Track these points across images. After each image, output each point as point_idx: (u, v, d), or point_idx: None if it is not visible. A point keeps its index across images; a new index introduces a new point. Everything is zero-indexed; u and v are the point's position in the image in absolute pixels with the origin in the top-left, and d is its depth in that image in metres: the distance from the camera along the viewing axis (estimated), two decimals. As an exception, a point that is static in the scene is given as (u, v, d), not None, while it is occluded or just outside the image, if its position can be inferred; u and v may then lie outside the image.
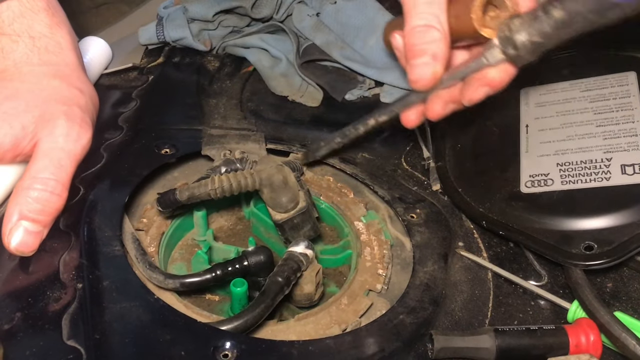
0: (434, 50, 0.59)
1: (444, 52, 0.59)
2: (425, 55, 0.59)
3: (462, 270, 0.67)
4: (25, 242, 0.57)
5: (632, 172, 0.66)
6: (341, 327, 0.59)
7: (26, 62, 0.63)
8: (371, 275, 0.66)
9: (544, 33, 0.52)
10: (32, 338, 0.52)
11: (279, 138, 0.81)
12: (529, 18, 0.53)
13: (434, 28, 0.59)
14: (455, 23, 0.59)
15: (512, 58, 0.56)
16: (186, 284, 0.60)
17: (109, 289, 0.56)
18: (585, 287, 0.61)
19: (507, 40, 0.55)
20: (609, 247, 0.63)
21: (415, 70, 0.60)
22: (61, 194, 0.59)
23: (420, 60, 0.60)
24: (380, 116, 0.68)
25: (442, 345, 0.56)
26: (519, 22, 0.54)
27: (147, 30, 0.96)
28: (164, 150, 0.74)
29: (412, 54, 0.60)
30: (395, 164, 0.81)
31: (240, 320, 0.55)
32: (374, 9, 0.95)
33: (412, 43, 0.60)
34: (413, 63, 0.60)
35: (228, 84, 0.93)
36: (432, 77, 0.60)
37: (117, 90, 0.88)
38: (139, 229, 0.68)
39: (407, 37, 0.60)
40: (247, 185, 0.64)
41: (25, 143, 0.59)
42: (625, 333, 0.56)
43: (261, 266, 0.62)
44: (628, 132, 0.70)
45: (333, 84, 0.92)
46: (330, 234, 0.76)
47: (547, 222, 0.67)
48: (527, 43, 0.54)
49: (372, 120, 0.68)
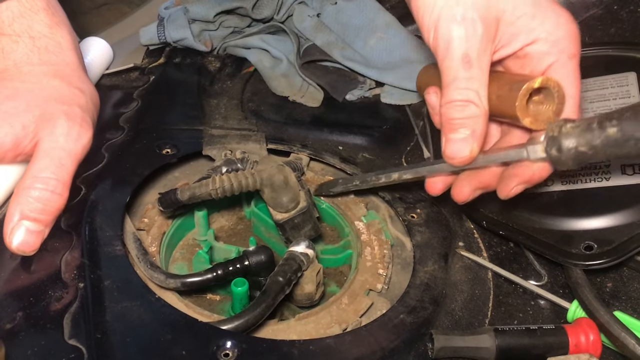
0: (473, 127, 0.56)
1: (483, 130, 0.57)
2: (464, 130, 0.56)
3: (462, 270, 0.67)
4: (27, 242, 0.57)
5: (631, 173, 0.66)
6: (342, 327, 0.60)
7: (26, 62, 0.63)
8: (372, 275, 0.66)
9: (592, 146, 0.50)
10: (33, 337, 0.52)
11: (280, 138, 0.81)
12: (582, 126, 0.51)
13: (473, 104, 0.56)
14: (496, 102, 0.57)
15: (553, 159, 0.53)
16: (187, 283, 0.60)
17: (110, 288, 0.56)
18: (585, 287, 0.61)
19: (553, 140, 0.52)
20: (609, 247, 0.63)
21: (451, 145, 0.57)
22: (62, 193, 0.59)
23: (457, 136, 0.57)
24: (406, 173, 0.66)
25: (442, 345, 0.56)
26: (571, 127, 0.51)
27: (148, 31, 0.96)
28: (165, 151, 0.74)
29: (449, 128, 0.57)
30: (395, 163, 0.81)
31: (241, 319, 0.55)
32: (375, 10, 0.95)
33: (451, 117, 0.57)
34: (450, 137, 0.57)
35: (229, 84, 0.93)
36: (468, 155, 0.57)
37: (118, 91, 0.88)
38: (140, 228, 0.68)
39: (445, 109, 0.57)
40: (248, 185, 0.64)
41: (25, 143, 0.59)
42: (625, 333, 0.56)
43: (262, 266, 0.62)
44: (628, 133, 0.70)
45: (334, 84, 0.92)
46: (330, 233, 0.76)
47: (547, 222, 0.67)
48: (572, 150, 0.51)
49: (396, 175, 0.66)
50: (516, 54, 0.59)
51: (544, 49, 0.58)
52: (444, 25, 0.56)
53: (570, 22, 0.58)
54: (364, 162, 0.80)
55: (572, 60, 0.58)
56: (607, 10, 0.91)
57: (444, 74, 0.57)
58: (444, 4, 0.56)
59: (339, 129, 0.85)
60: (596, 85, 0.78)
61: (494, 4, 0.56)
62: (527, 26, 0.57)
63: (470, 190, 0.62)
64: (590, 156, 0.51)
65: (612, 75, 0.79)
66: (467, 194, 0.62)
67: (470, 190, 0.62)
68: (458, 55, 0.55)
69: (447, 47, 0.56)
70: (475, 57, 0.55)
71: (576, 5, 0.93)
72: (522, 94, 0.55)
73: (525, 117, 0.55)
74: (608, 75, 0.79)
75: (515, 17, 0.57)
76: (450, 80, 0.56)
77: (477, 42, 0.55)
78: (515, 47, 0.58)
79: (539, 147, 0.54)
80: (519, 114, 0.55)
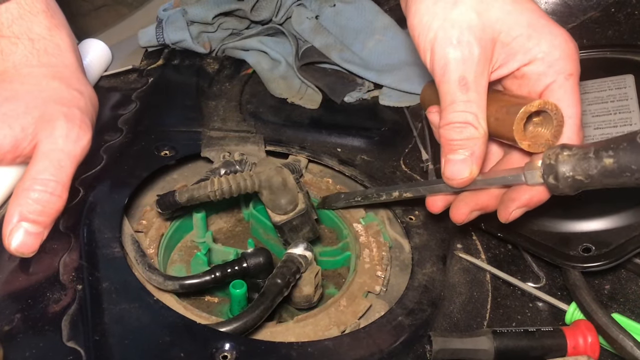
0: (472, 149, 0.57)
1: (482, 152, 0.57)
2: (463, 152, 0.57)
3: (460, 272, 0.67)
4: (26, 243, 0.57)
5: (629, 175, 0.66)
6: (340, 329, 0.60)
7: (25, 64, 0.63)
8: (370, 277, 0.66)
9: (588, 175, 0.50)
10: (32, 339, 0.52)
11: (278, 140, 0.81)
12: (578, 155, 0.51)
13: (472, 126, 0.56)
14: (495, 125, 0.57)
15: (551, 187, 0.54)
16: (185, 285, 0.60)
17: (108, 290, 0.56)
18: (583, 289, 0.62)
19: (550, 168, 0.53)
20: (607, 249, 0.63)
21: (451, 166, 0.58)
22: (61, 195, 0.59)
23: (456, 157, 0.57)
24: (406, 192, 0.66)
25: (440, 347, 0.56)
26: (567, 155, 0.52)
27: (147, 33, 0.96)
28: (164, 152, 0.74)
29: (449, 149, 0.58)
30: (394, 166, 0.81)
31: (239, 321, 0.55)
32: (373, 12, 0.96)
33: (450, 138, 0.57)
34: (450, 158, 0.58)
35: (227, 86, 0.93)
36: (468, 176, 0.57)
37: (116, 92, 0.88)
38: (138, 230, 0.68)
39: (444, 130, 0.57)
40: (247, 187, 0.64)
41: (25, 144, 0.59)
42: (623, 335, 0.57)
43: (260, 268, 0.62)
44: (626, 135, 0.70)
45: (332, 87, 0.92)
46: (329, 235, 0.76)
47: (545, 225, 0.67)
48: (569, 178, 0.52)
49: (397, 193, 0.66)
50: (514, 74, 0.59)
51: (540, 69, 0.58)
52: (440, 47, 0.56)
53: (567, 41, 0.58)
54: (362, 164, 0.80)
55: (569, 80, 0.58)
56: (604, 13, 0.91)
57: (442, 97, 0.57)
58: (440, 26, 0.56)
59: (337, 130, 0.85)
60: (594, 87, 0.78)
61: (490, 25, 0.56)
62: (523, 47, 0.57)
63: (467, 211, 0.61)
64: (587, 184, 0.51)
65: (610, 77, 0.79)
66: (464, 215, 0.62)
67: (468, 211, 0.61)
68: (455, 78, 0.55)
69: (444, 70, 0.56)
70: (472, 79, 0.55)
71: (574, 8, 0.93)
72: (519, 117, 0.55)
73: (523, 141, 0.55)
74: (606, 77, 0.79)
75: (511, 37, 0.57)
76: (449, 103, 0.56)
77: (473, 64, 0.55)
78: (512, 68, 0.58)
79: (536, 172, 0.54)
80: (516, 138, 0.55)
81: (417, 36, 0.58)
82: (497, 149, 0.64)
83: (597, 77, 0.80)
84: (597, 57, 0.85)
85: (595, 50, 0.86)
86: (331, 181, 0.78)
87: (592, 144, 0.50)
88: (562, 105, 0.56)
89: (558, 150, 0.53)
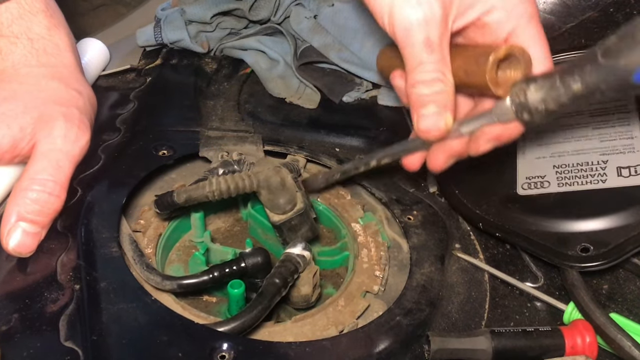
0: (443, 101, 0.57)
1: (453, 103, 0.58)
2: (434, 105, 0.57)
3: (458, 272, 0.67)
4: (24, 243, 0.57)
5: (627, 175, 0.67)
6: (338, 329, 0.60)
7: (24, 63, 0.63)
8: (368, 277, 0.66)
9: (560, 103, 0.51)
10: (29, 339, 0.52)
11: (277, 140, 0.81)
12: (546, 87, 0.52)
13: (441, 82, 0.57)
14: (465, 77, 0.58)
15: (526, 122, 0.55)
16: (183, 285, 0.60)
17: (106, 290, 0.56)
18: (581, 289, 0.62)
19: (522, 106, 0.54)
20: (605, 249, 0.63)
21: (424, 120, 0.58)
22: (59, 195, 0.59)
23: (429, 111, 0.57)
24: (383, 159, 0.66)
25: (438, 347, 0.56)
26: (535, 89, 0.52)
27: (145, 32, 0.96)
28: (162, 152, 0.74)
29: (419, 104, 0.58)
30: (392, 166, 0.81)
31: (237, 321, 0.55)
32: (372, 12, 0.95)
33: (420, 93, 0.57)
34: (423, 113, 0.58)
35: (226, 85, 0.93)
36: (444, 127, 0.58)
37: (114, 92, 0.88)
38: (136, 230, 0.68)
39: (414, 88, 0.57)
40: (245, 187, 0.64)
41: (23, 144, 0.59)
42: (621, 334, 0.57)
43: (258, 268, 0.62)
44: (624, 135, 0.71)
45: (330, 86, 0.92)
46: (327, 235, 0.76)
47: (544, 224, 0.67)
48: (542, 111, 0.53)
49: (374, 161, 0.67)
50: (475, 24, 0.59)
51: (501, 16, 0.58)
52: (400, 10, 0.55)
53: None
54: (360, 164, 0.80)
55: (531, 22, 0.58)
56: (603, 13, 0.91)
57: (407, 60, 0.57)
58: None
59: (335, 130, 0.85)
60: (592, 87, 0.78)
61: None
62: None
63: (444, 159, 0.62)
64: (559, 112, 0.52)
65: (609, 77, 0.79)
66: (442, 163, 0.63)
67: (445, 159, 0.62)
68: (420, 41, 0.55)
69: (407, 33, 0.55)
70: (436, 39, 0.55)
71: (572, 8, 0.93)
72: (490, 66, 0.55)
73: (497, 88, 0.56)
74: (604, 77, 0.79)
75: None
76: (416, 64, 0.56)
77: (436, 24, 0.55)
78: (472, 17, 0.58)
79: (508, 112, 0.55)
80: (490, 86, 0.56)
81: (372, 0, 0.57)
82: (467, 100, 0.65)
83: (595, 77, 0.80)
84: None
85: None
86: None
87: (556, 72, 0.51)
88: (529, 48, 0.57)
89: (524, 86, 0.53)
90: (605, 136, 0.71)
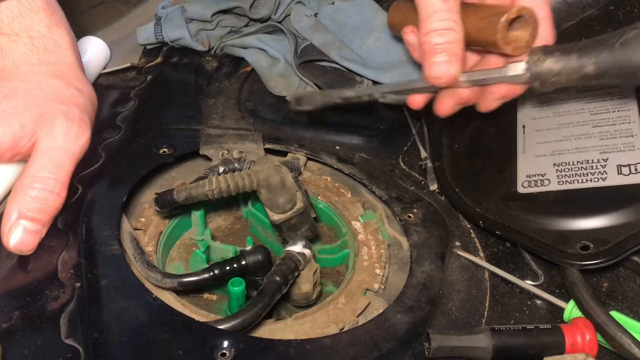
0: (455, 50, 0.62)
1: (463, 53, 0.63)
2: (446, 54, 0.62)
3: (459, 269, 0.68)
4: (24, 241, 0.57)
5: (628, 173, 0.67)
6: (338, 326, 0.60)
7: (25, 61, 0.63)
8: (368, 275, 0.66)
9: (570, 79, 0.57)
10: (30, 337, 0.52)
11: (277, 138, 0.81)
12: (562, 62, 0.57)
13: (453, 31, 0.61)
14: (475, 33, 0.62)
15: (535, 89, 0.61)
16: (184, 283, 0.60)
17: (107, 288, 0.56)
18: (581, 287, 0.62)
19: (537, 74, 0.59)
20: (605, 247, 0.63)
21: (435, 67, 0.63)
22: (60, 193, 0.59)
23: (441, 58, 0.62)
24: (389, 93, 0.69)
25: (438, 345, 0.56)
26: (552, 62, 0.58)
27: (146, 30, 0.96)
28: (162, 150, 0.74)
29: (432, 52, 0.62)
30: (392, 164, 0.81)
31: (238, 319, 0.55)
32: (372, 10, 0.95)
33: (434, 42, 0.62)
34: (434, 61, 0.62)
35: (226, 84, 0.93)
36: (454, 74, 0.62)
37: (115, 90, 0.88)
38: (137, 228, 0.68)
39: (428, 37, 0.62)
40: (245, 186, 0.64)
41: (24, 142, 0.59)
42: (621, 332, 0.57)
43: (259, 265, 0.62)
44: (624, 133, 0.71)
45: (331, 84, 0.92)
46: (328, 233, 0.76)
47: (544, 222, 0.67)
48: (553, 82, 0.59)
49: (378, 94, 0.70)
50: None
51: None
52: None
53: None
54: (361, 162, 0.80)
55: None
56: (603, 11, 0.91)
57: (422, 9, 0.62)
58: None
59: (336, 128, 0.85)
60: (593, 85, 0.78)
61: None
62: None
63: (452, 105, 0.67)
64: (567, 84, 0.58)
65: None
66: (449, 108, 0.68)
67: (452, 105, 0.67)
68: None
69: None
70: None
71: (573, 6, 0.93)
72: (502, 25, 0.60)
73: (507, 46, 0.61)
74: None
75: None
76: (431, 12, 0.62)
77: None
78: None
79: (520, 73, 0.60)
80: (500, 43, 0.61)
81: None
82: (473, 55, 0.70)
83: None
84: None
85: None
86: (330, 179, 0.78)
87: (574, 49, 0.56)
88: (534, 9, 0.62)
89: (541, 55, 0.59)
90: (605, 134, 0.71)
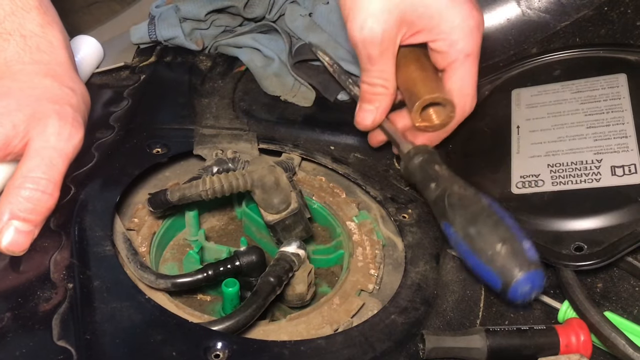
0: (379, 103, 0.71)
1: (387, 106, 0.72)
2: (370, 105, 0.72)
3: (453, 270, 0.67)
4: (16, 242, 0.57)
5: (621, 174, 0.67)
6: (333, 327, 0.60)
7: (17, 60, 0.63)
8: (363, 276, 0.66)
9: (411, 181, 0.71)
10: (22, 338, 0.51)
11: (272, 138, 0.81)
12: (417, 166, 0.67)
13: (382, 87, 0.70)
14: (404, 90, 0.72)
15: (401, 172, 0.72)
16: (178, 284, 0.60)
17: (99, 289, 0.56)
18: (576, 288, 0.62)
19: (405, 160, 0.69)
20: (599, 247, 0.63)
21: (361, 113, 0.73)
22: (53, 193, 0.58)
23: (367, 107, 0.72)
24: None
25: (433, 345, 0.56)
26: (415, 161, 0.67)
27: (139, 29, 0.96)
28: (156, 150, 0.74)
29: (363, 99, 0.72)
30: (387, 164, 0.81)
31: (231, 320, 0.55)
32: (367, 10, 0.95)
33: (364, 90, 0.72)
34: (362, 106, 0.73)
35: (220, 83, 0.92)
36: (370, 124, 0.73)
37: (108, 90, 0.88)
38: (130, 228, 0.68)
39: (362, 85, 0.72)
40: (239, 187, 0.64)
41: (16, 142, 0.58)
42: (615, 333, 0.57)
43: (253, 266, 0.62)
44: (618, 134, 0.71)
45: (325, 84, 0.92)
46: (322, 234, 0.76)
47: (538, 223, 0.67)
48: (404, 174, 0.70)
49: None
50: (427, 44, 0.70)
51: (444, 48, 0.68)
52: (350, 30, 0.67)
53: (467, 19, 0.67)
54: (355, 162, 0.80)
55: (468, 59, 0.68)
56: (597, 12, 0.91)
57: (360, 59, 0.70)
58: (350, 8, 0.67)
59: (330, 128, 0.85)
60: (587, 86, 0.79)
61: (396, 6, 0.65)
62: (427, 26, 0.67)
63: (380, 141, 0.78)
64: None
65: (603, 76, 0.79)
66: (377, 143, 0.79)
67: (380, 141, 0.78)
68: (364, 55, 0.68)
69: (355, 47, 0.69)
70: (377, 55, 0.68)
71: (567, 7, 0.93)
72: (415, 109, 0.69)
73: (419, 124, 0.72)
74: (599, 76, 0.79)
75: (416, 16, 0.66)
76: (363, 70, 0.71)
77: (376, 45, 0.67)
78: (420, 40, 0.69)
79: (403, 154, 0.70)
80: (414, 121, 0.71)
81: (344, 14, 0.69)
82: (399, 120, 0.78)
83: (589, 76, 0.80)
84: (590, 56, 0.85)
85: (588, 49, 0.86)
86: (324, 179, 0.78)
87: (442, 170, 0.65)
88: (461, 82, 0.69)
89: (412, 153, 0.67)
90: (599, 135, 0.72)
